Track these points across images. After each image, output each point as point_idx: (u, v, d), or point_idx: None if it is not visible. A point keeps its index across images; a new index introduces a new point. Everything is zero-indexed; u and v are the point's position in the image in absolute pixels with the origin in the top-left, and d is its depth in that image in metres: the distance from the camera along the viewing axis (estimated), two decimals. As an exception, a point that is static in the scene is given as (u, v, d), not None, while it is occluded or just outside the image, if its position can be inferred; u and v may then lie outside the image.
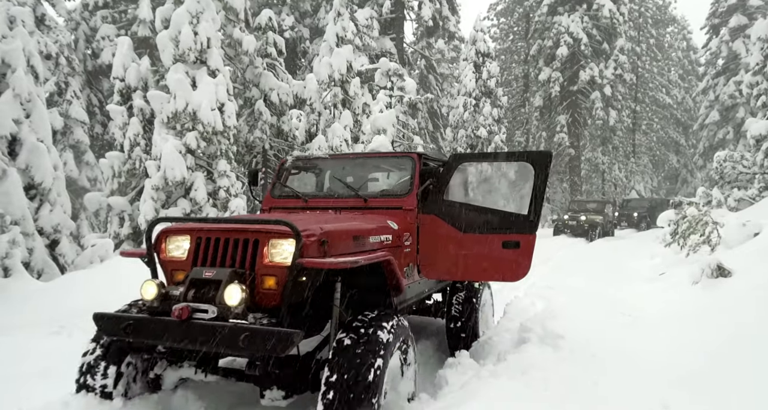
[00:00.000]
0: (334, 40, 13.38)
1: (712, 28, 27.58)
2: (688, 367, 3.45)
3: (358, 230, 2.89)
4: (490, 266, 3.47)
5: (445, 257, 3.51)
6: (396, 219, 3.36)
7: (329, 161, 4.16)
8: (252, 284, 2.45)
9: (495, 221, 3.43)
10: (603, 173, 29.94)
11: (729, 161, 12.89)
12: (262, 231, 2.50)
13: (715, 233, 7.49)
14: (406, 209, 3.46)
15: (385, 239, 3.10)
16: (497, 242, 3.41)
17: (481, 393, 3.00)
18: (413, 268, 3.52)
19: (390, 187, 3.84)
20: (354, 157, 4.21)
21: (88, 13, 19.17)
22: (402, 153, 3.96)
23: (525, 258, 3.41)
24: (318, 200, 3.71)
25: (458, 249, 3.46)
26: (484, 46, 21.68)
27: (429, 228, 3.51)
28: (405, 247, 3.37)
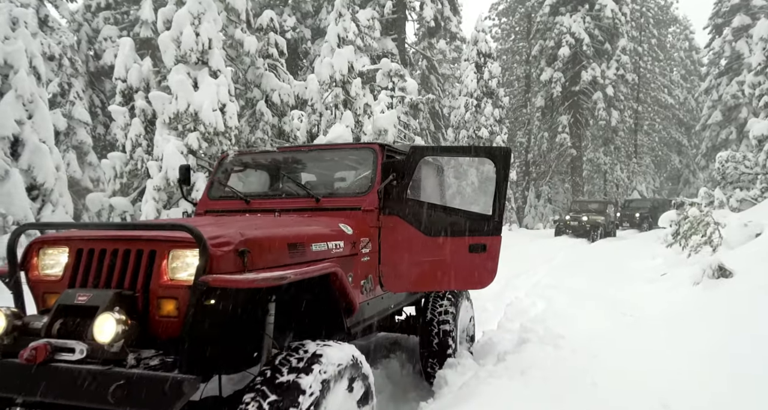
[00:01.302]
0: (335, 41, 13.40)
1: (714, 28, 27.51)
2: (689, 368, 3.44)
3: (297, 236, 2.34)
4: (457, 273, 3.13)
5: (410, 266, 3.07)
6: (352, 222, 2.88)
7: (278, 156, 3.58)
8: (146, 310, 1.90)
9: (461, 222, 3.12)
10: (605, 174, 29.89)
11: (731, 162, 12.85)
12: (159, 239, 1.94)
13: (717, 234, 7.47)
14: (365, 210, 2.97)
15: (335, 247, 2.59)
16: (464, 246, 3.10)
17: (481, 393, 3.00)
18: (374, 280, 3.02)
19: (348, 184, 3.39)
20: (307, 150, 3.65)
21: (90, 14, 19.23)
22: (361, 144, 3.48)
23: (492, 263, 3.14)
24: (262, 201, 3.20)
25: (424, 256, 3.06)
26: (486, 46, 21.67)
27: (392, 232, 3.04)
28: (363, 255, 2.88)
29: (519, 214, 27.35)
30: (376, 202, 3.02)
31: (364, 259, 2.90)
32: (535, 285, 7.43)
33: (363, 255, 2.88)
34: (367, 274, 2.93)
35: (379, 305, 3.15)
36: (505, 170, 3.12)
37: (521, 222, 26.90)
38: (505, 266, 9.33)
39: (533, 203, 28.18)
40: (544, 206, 28.36)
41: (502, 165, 3.12)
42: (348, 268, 2.63)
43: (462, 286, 3.34)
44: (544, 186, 28.50)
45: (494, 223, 3.12)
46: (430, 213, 3.10)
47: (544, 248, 13.94)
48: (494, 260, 3.15)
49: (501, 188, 3.11)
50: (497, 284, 7.33)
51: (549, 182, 28.71)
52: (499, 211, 3.14)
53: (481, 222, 3.13)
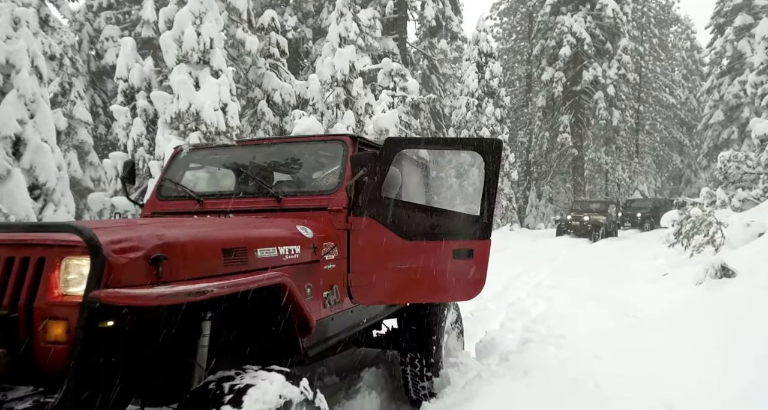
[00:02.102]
0: (336, 41, 13.40)
1: (716, 28, 27.46)
2: (692, 368, 3.43)
3: (235, 239, 1.97)
4: (439, 283, 2.77)
5: (384, 275, 2.70)
6: (315, 224, 2.54)
7: (237, 150, 3.23)
8: (29, 334, 1.52)
9: (444, 224, 2.78)
10: (606, 174, 29.85)
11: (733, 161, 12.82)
12: (50, 244, 1.57)
13: (719, 234, 7.45)
14: (332, 210, 2.64)
15: (289, 253, 2.23)
16: (447, 252, 2.73)
17: (483, 393, 3.00)
18: (341, 291, 2.63)
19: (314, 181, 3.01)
20: (268, 143, 3.27)
21: (92, 14, 19.25)
22: (330, 136, 3.13)
23: (479, 270, 2.78)
24: (217, 202, 2.85)
25: (401, 262, 2.71)
26: (487, 46, 21.66)
27: (363, 235, 2.65)
28: (326, 262, 2.50)
29: (520, 214, 27.32)
30: (344, 201, 2.66)
31: (328, 267, 2.51)
32: (536, 285, 7.42)
33: (326, 262, 2.49)
34: (331, 284, 2.52)
35: (347, 321, 2.75)
36: (495, 165, 2.76)
37: (522, 222, 26.87)
38: (506, 267, 9.36)
39: (534, 203, 28.15)
40: (546, 205, 28.33)
41: (492, 159, 2.76)
42: (306, 278, 2.29)
43: (444, 297, 2.99)
44: (546, 186, 28.47)
45: (482, 225, 2.77)
46: (408, 214, 2.75)
47: (546, 248, 13.93)
48: (482, 267, 2.79)
49: (490, 185, 2.76)
50: (499, 284, 7.36)
51: (550, 182, 28.68)
52: (488, 211, 2.78)
53: (467, 224, 2.79)
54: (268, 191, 2.77)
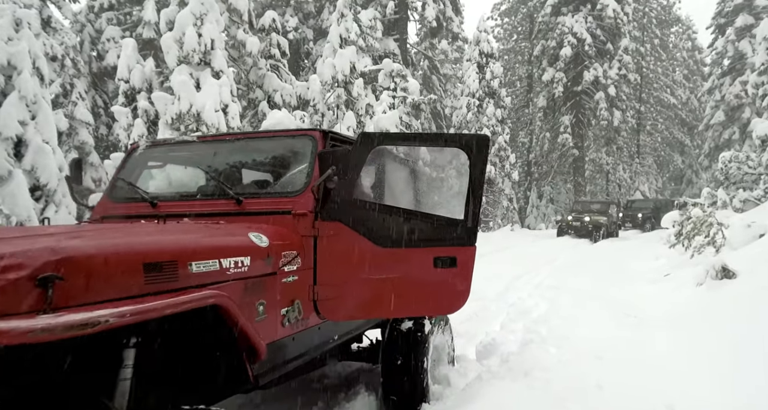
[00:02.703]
0: (337, 42, 13.41)
1: (717, 28, 27.45)
2: (693, 370, 3.43)
3: (161, 251, 1.65)
4: (419, 295, 2.55)
5: (356, 287, 2.44)
6: (277, 230, 2.30)
7: (198, 146, 2.93)
8: None
9: (424, 228, 2.51)
10: (607, 174, 29.85)
11: (734, 162, 12.81)
12: None
13: (720, 235, 7.45)
14: (296, 214, 2.37)
15: (236, 265, 1.93)
16: (427, 260, 2.48)
17: (484, 394, 3.00)
18: (305, 306, 2.36)
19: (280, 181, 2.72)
20: (232, 139, 3.01)
21: (93, 15, 19.29)
22: (298, 130, 2.88)
23: (463, 281, 2.52)
24: (173, 204, 2.61)
25: (376, 272, 2.45)
26: (488, 46, 21.67)
27: (332, 242, 2.42)
28: (286, 274, 2.24)
29: (521, 214, 27.32)
30: (310, 204, 2.40)
31: (289, 279, 2.24)
32: (537, 286, 7.42)
33: (286, 274, 2.22)
34: (292, 299, 2.25)
35: (313, 339, 2.48)
36: (482, 164, 2.51)
37: (523, 223, 26.87)
38: (507, 267, 9.34)
39: (535, 204, 28.15)
40: (546, 206, 28.33)
41: (478, 157, 2.50)
42: (258, 293, 2.02)
43: (424, 310, 2.74)
44: (546, 186, 28.47)
45: (467, 230, 2.50)
46: (384, 218, 2.47)
47: (547, 249, 13.93)
48: (466, 277, 2.53)
49: (476, 185, 2.51)
50: (500, 284, 7.36)
51: (551, 183, 28.68)
52: (473, 214, 2.51)
53: (450, 229, 2.52)
54: (228, 193, 2.48)
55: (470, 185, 2.53)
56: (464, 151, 2.55)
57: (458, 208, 2.57)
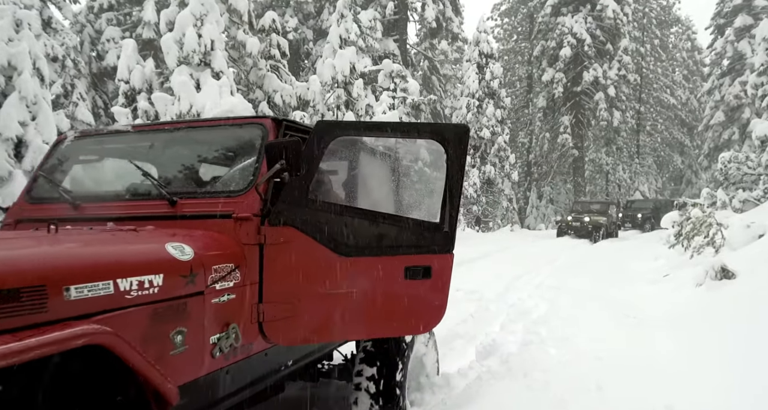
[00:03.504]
0: (337, 42, 13.43)
1: (717, 29, 27.48)
2: (693, 371, 3.44)
3: (17, 273, 1.28)
4: (387, 312, 2.21)
5: (312, 303, 2.11)
6: (210, 238, 1.95)
7: (132, 137, 2.56)
8: None
9: (393, 233, 2.19)
10: (607, 174, 29.88)
11: (734, 162, 12.82)
12: None
13: (719, 235, 7.46)
14: (238, 218, 2.00)
15: (139, 287, 1.55)
16: (397, 270, 2.16)
17: (484, 395, 3.01)
18: (246, 330, 1.99)
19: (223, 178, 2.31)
20: (171, 128, 2.54)
21: (93, 15, 19.31)
22: (246, 118, 2.48)
23: (439, 294, 2.23)
24: (99, 206, 2.23)
25: (336, 286, 2.12)
26: (488, 47, 21.70)
27: (283, 252, 2.06)
28: (217, 293, 1.86)
29: (521, 215, 27.34)
30: (256, 205, 2.04)
31: (222, 299, 1.86)
32: (537, 286, 7.43)
33: (218, 293, 1.85)
34: (227, 322, 1.88)
35: (258, 368, 2.12)
36: (460, 158, 2.20)
37: (523, 223, 26.88)
38: (507, 268, 9.33)
39: (535, 204, 28.17)
40: (546, 206, 28.35)
41: (456, 151, 2.20)
42: (173, 320, 1.65)
43: (393, 330, 2.38)
44: (546, 187, 28.50)
45: (443, 235, 2.22)
46: (346, 221, 2.13)
47: (547, 249, 13.94)
48: (442, 290, 2.23)
49: (454, 183, 2.21)
50: (500, 285, 7.37)
51: (551, 183, 28.71)
52: (450, 217, 2.22)
53: (424, 234, 2.23)
54: (160, 192, 2.13)
55: (447, 184, 2.21)
56: (440, 143, 2.23)
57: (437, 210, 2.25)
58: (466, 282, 7.41)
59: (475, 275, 8.35)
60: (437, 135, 2.27)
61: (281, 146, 1.96)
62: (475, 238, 16.54)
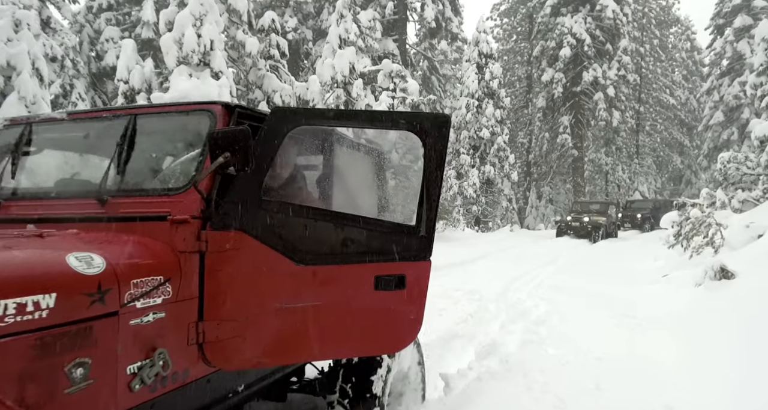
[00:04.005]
0: (336, 42, 13.42)
1: (716, 29, 27.50)
2: (692, 371, 3.44)
3: None
4: (354, 329, 1.98)
5: (266, 320, 1.84)
6: (136, 245, 1.67)
7: (67, 126, 2.22)
8: None
9: (362, 238, 1.94)
10: (606, 174, 29.88)
11: (733, 162, 12.82)
12: None
13: (719, 235, 7.46)
14: (175, 221, 1.72)
15: (18, 311, 1.27)
16: (366, 280, 1.93)
17: (483, 395, 3.01)
18: (181, 354, 1.71)
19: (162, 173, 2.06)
20: (110, 116, 2.16)
21: (92, 15, 19.30)
22: (194, 104, 2.06)
23: (414, 306, 2.02)
24: (24, 204, 2.00)
25: (293, 300, 1.87)
26: (487, 47, 21.71)
27: (229, 260, 1.78)
28: (137, 313, 1.56)
29: (520, 215, 27.36)
30: (196, 206, 1.76)
31: (146, 319, 1.57)
32: (537, 287, 7.43)
33: (139, 313, 1.56)
34: (152, 347, 1.60)
35: (195, 399, 1.82)
36: (439, 152, 1.96)
37: (522, 223, 26.90)
38: (506, 268, 9.33)
39: (534, 204, 28.18)
40: (546, 206, 28.36)
41: (434, 143, 1.96)
42: (70, 350, 1.37)
43: (361, 349, 2.12)
44: (546, 187, 28.51)
45: (420, 239, 1.98)
46: (306, 224, 1.88)
47: (546, 249, 13.94)
48: (418, 302, 2.02)
49: (432, 181, 1.97)
50: (499, 285, 7.38)
51: (550, 183, 28.72)
52: (427, 219, 1.97)
53: (397, 238, 1.97)
54: (89, 190, 1.90)
55: (424, 181, 1.96)
56: (417, 135, 1.98)
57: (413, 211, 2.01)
58: (466, 282, 7.42)
59: (475, 275, 8.35)
60: (414, 126, 2.00)
61: (226, 136, 1.68)
62: (475, 238, 16.54)
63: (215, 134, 1.70)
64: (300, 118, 1.96)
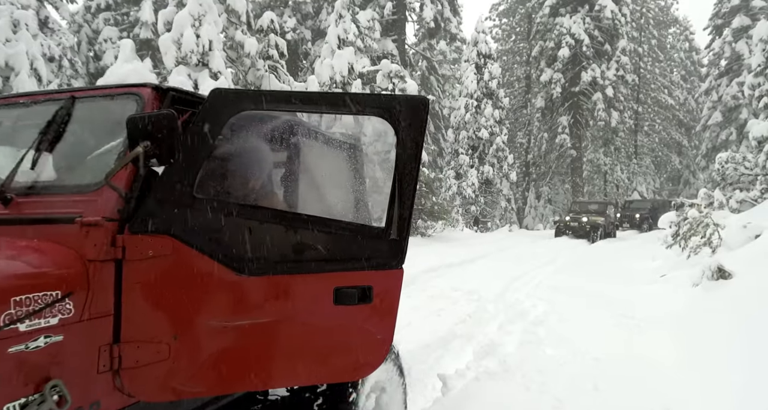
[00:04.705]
0: (335, 42, 13.43)
1: (715, 29, 27.56)
2: (689, 370, 3.45)
3: None
4: (309, 351, 1.69)
5: (198, 343, 1.57)
6: (31, 253, 1.43)
7: None
8: None
9: (320, 242, 1.66)
10: (605, 174, 29.92)
11: (731, 163, 12.86)
12: None
13: (716, 235, 7.47)
14: (85, 224, 1.45)
15: None
16: (324, 293, 1.65)
17: (481, 396, 3.01)
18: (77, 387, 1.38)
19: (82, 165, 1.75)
20: (28, 101, 1.88)
21: (90, 15, 19.29)
22: (120, 87, 1.76)
23: (382, 324, 1.74)
24: None
25: (234, 317, 1.60)
26: (486, 47, 21.73)
27: (153, 270, 1.51)
28: (23, 337, 1.27)
29: (519, 215, 27.40)
30: (111, 205, 1.49)
31: (32, 346, 1.28)
32: (536, 287, 7.44)
33: (23, 337, 1.27)
34: (44, 377, 1.30)
35: None
36: (416, 140, 1.67)
37: (521, 223, 26.94)
38: (505, 268, 9.33)
39: (533, 204, 28.22)
40: (544, 206, 28.40)
41: (409, 130, 1.67)
42: None
43: (315, 376, 1.80)
44: (544, 187, 28.55)
45: (390, 244, 1.68)
46: (250, 226, 1.59)
47: (545, 250, 13.96)
48: (388, 318, 1.74)
49: (406, 175, 1.67)
50: (498, 285, 7.39)
51: (549, 183, 28.76)
52: (400, 220, 1.67)
53: (362, 243, 1.69)
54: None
55: (397, 176, 1.67)
56: (389, 122, 1.68)
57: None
58: (465, 283, 7.43)
59: (474, 275, 8.36)
60: (385, 110, 1.69)
61: (146, 122, 1.40)
62: (474, 238, 16.56)
63: (133, 120, 1.42)
64: (244, 102, 1.63)
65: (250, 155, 1.91)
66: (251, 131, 1.90)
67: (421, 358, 3.82)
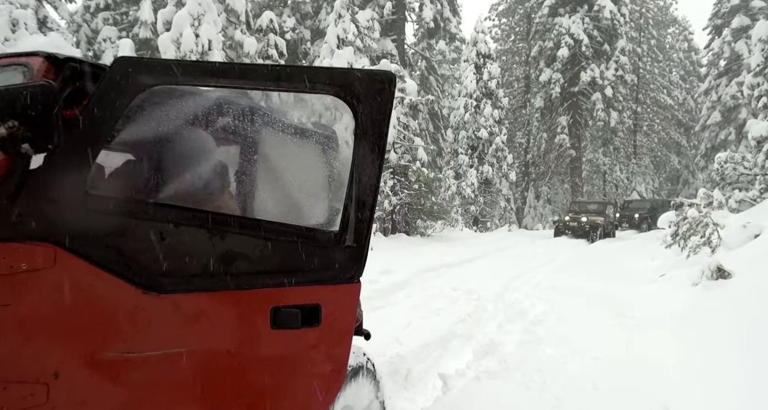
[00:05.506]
0: (335, 42, 13.42)
1: (714, 29, 27.59)
2: (688, 370, 3.46)
3: None
4: (236, 391, 1.35)
5: (86, 382, 1.19)
6: None
7: None
8: None
9: (253, 250, 1.36)
10: (604, 174, 29.95)
11: (730, 163, 12.87)
12: None
13: (716, 235, 7.48)
14: None
15: None
16: (258, 313, 1.36)
17: (480, 395, 3.01)
18: None
19: None
20: None
21: (89, 15, 19.27)
22: (9, 56, 1.42)
23: (334, 352, 1.46)
24: None
25: (134, 347, 1.24)
26: (485, 47, 21.73)
27: (28, 287, 1.14)
28: None
29: (518, 215, 27.41)
30: None
31: None
32: (535, 287, 7.44)
33: None
34: None
35: None
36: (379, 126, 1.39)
37: (521, 223, 26.95)
38: (505, 268, 9.33)
39: (532, 204, 28.23)
40: (544, 206, 28.42)
41: (371, 113, 1.39)
42: None
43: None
44: (544, 187, 28.56)
45: (344, 251, 1.41)
46: (162, 231, 1.27)
47: (544, 249, 13.96)
48: (340, 345, 1.46)
49: (366, 167, 1.40)
50: (497, 285, 7.39)
51: (548, 183, 28.77)
52: (358, 222, 1.40)
53: (309, 251, 1.38)
54: None
55: (354, 168, 1.38)
56: (346, 102, 1.38)
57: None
58: (464, 282, 7.43)
59: (473, 275, 8.36)
60: (341, 88, 1.37)
61: (11, 95, 1.09)
62: (473, 238, 16.56)
63: (5, 94, 1.09)
64: (156, 74, 1.27)
65: (171, 141, 1.52)
66: (173, 111, 1.49)
67: (421, 357, 3.82)
